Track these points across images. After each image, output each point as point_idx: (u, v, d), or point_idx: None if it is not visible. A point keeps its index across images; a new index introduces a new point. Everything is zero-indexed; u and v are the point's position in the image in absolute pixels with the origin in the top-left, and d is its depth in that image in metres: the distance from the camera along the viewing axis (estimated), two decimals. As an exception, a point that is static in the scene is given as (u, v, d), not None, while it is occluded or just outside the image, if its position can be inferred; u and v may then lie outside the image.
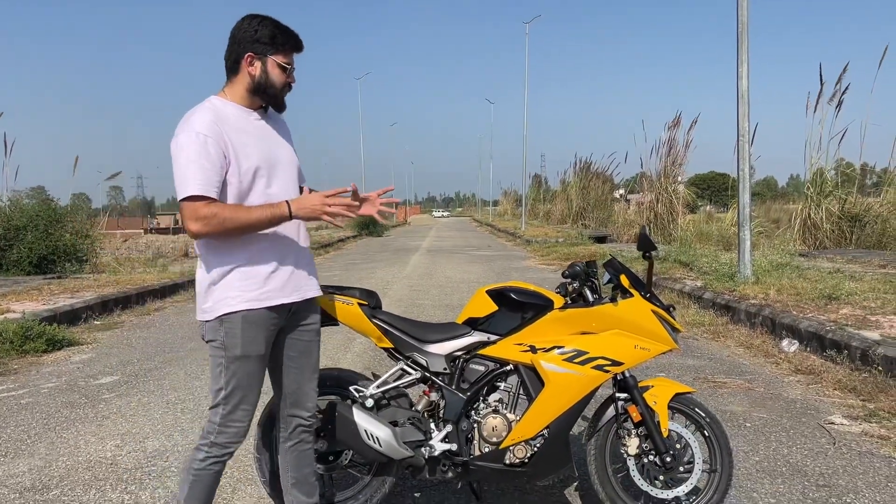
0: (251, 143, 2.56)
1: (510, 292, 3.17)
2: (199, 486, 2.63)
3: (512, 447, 3.03)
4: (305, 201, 2.53)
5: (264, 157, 2.58)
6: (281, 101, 2.66)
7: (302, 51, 2.66)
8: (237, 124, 2.55)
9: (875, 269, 10.23)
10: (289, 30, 2.61)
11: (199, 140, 2.42)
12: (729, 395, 5.24)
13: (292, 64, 2.63)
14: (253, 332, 2.56)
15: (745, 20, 9.15)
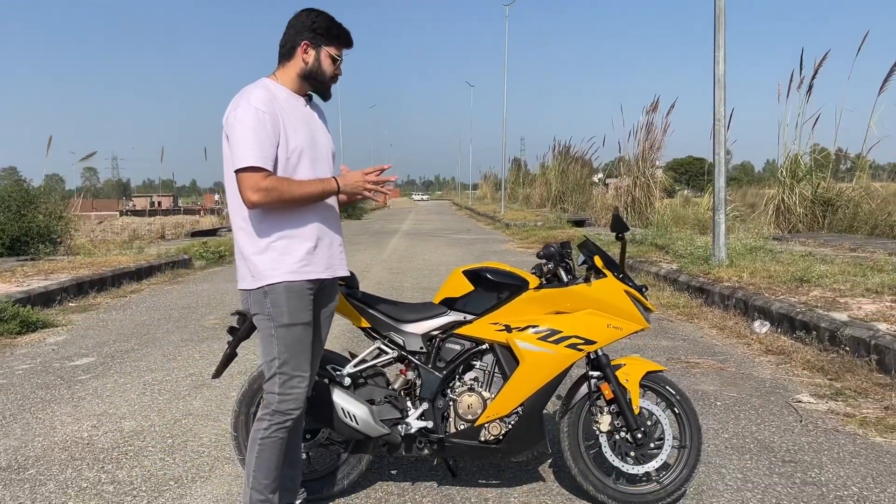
0: (298, 125, 2.69)
1: (486, 272, 3.21)
2: (266, 453, 2.73)
3: (487, 424, 3.09)
4: (350, 178, 2.72)
5: (309, 141, 2.73)
6: (328, 89, 2.82)
7: (352, 47, 2.83)
8: (286, 105, 2.69)
9: (846, 252, 10.42)
10: (342, 26, 2.79)
11: (258, 115, 2.57)
12: (701, 375, 5.35)
13: (342, 57, 2.79)
14: (296, 301, 2.67)
15: (723, 6, 9.21)
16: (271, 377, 2.72)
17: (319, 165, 2.77)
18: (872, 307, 6.20)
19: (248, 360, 5.72)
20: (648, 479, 3.17)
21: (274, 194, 2.55)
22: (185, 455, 3.84)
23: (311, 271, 2.71)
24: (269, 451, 2.73)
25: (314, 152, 2.75)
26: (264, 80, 2.73)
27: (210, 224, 26.11)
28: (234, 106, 2.62)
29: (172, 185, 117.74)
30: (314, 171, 2.73)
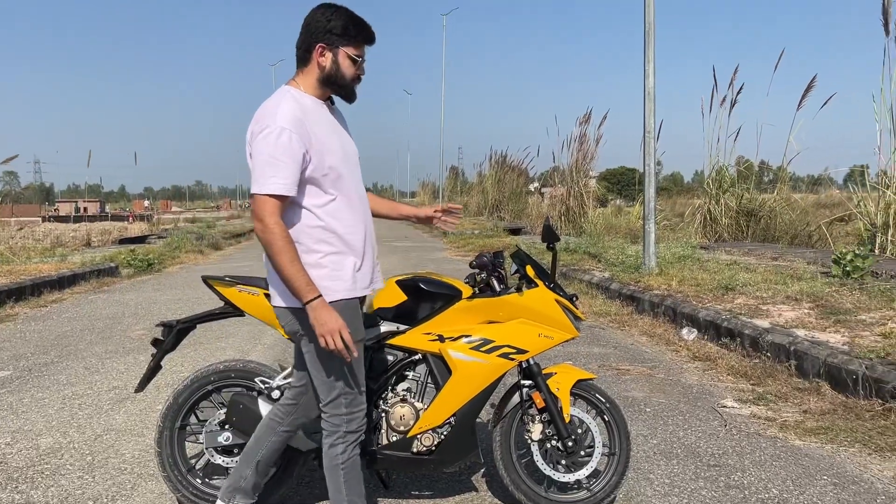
0: (329, 138, 2.56)
1: (419, 282, 3.19)
2: (352, 474, 2.69)
3: (419, 435, 3.07)
4: (321, 317, 2.43)
5: (341, 154, 2.60)
6: (351, 92, 2.65)
7: (374, 43, 2.62)
8: (315, 117, 2.54)
9: (768, 260, 10.83)
10: (362, 21, 2.58)
11: (284, 136, 2.41)
12: (631, 382, 5.45)
13: (363, 56, 2.61)
14: (351, 317, 2.59)
15: (652, 21, 9.48)
16: (335, 399, 2.63)
17: (352, 177, 2.65)
18: (792, 314, 6.45)
19: (175, 372, 5.56)
20: (579, 486, 3.21)
21: (268, 237, 2.41)
22: (106, 473, 3.69)
23: (361, 289, 2.65)
24: (353, 471, 2.69)
25: (346, 165, 2.61)
26: (289, 90, 2.55)
27: (139, 231, 25.31)
28: (259, 122, 2.46)
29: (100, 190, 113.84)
30: (348, 182, 2.60)
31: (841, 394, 4.78)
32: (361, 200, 2.70)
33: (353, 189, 2.64)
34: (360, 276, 2.64)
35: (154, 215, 39.60)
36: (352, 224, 2.62)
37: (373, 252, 2.74)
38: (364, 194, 2.75)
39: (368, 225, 2.72)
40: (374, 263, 2.77)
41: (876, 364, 4.67)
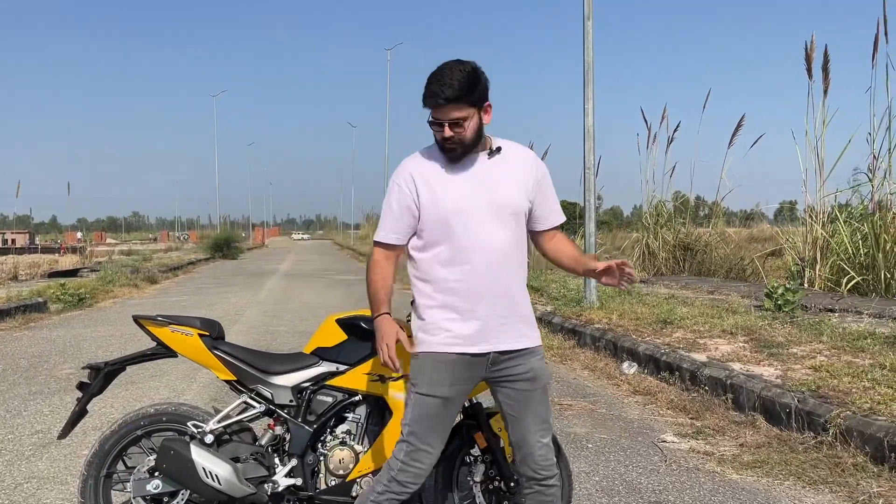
0: (451, 188, 2.56)
1: (360, 321, 3.14)
2: None
3: (359, 479, 2.99)
4: (377, 328, 2.67)
5: (461, 202, 2.55)
6: (449, 154, 2.56)
7: (446, 103, 2.46)
8: (440, 170, 2.59)
9: (704, 294, 11.11)
10: (430, 82, 2.49)
11: (394, 189, 2.63)
12: (574, 417, 5.47)
13: (440, 118, 2.50)
14: (439, 373, 2.54)
15: (591, 61, 9.74)
16: (401, 441, 2.61)
17: (474, 227, 2.55)
18: (728, 348, 6.60)
19: (102, 415, 5.33)
20: (521, 527, 3.16)
21: (369, 274, 2.74)
22: (25, 525, 3.48)
23: (459, 345, 2.56)
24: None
25: (467, 215, 2.54)
26: (431, 146, 2.66)
27: (70, 264, 24.42)
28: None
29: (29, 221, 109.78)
30: (476, 233, 2.54)
31: (775, 427, 4.88)
32: (484, 252, 2.56)
33: (467, 240, 2.55)
34: (459, 331, 2.56)
35: (87, 247, 38.30)
36: (454, 277, 2.57)
37: (490, 309, 2.56)
38: (492, 246, 2.57)
39: (483, 281, 2.56)
40: (495, 323, 2.57)
41: (807, 397, 4.80)
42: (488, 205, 2.57)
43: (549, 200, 2.74)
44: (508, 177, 2.62)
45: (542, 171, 2.71)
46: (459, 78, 2.46)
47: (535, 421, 2.66)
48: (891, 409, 4.37)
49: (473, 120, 2.52)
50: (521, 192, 2.63)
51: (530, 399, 2.64)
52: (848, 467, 4.08)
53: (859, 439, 4.22)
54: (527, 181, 2.65)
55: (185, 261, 27.40)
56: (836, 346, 6.25)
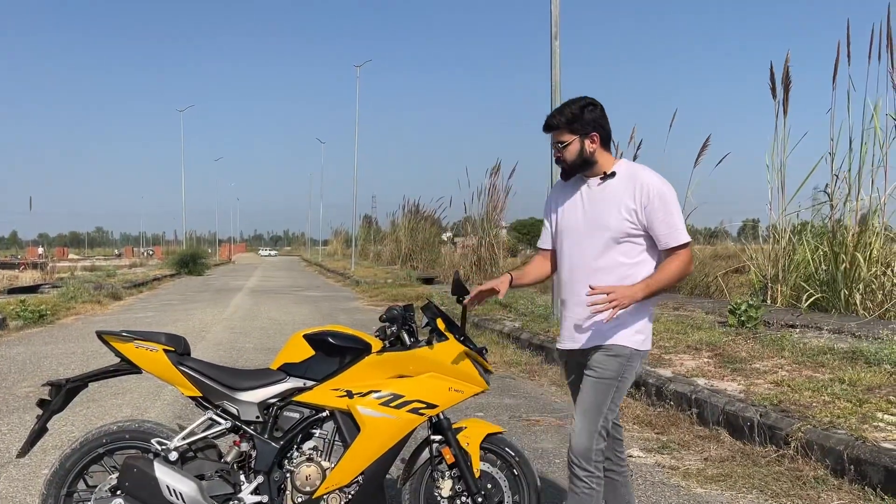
0: (568, 207, 3.06)
1: (327, 336, 3.13)
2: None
3: (326, 496, 2.98)
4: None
5: (571, 221, 3.03)
6: (564, 172, 3.06)
7: (548, 131, 3.02)
8: (567, 190, 3.09)
9: (670, 310, 11.25)
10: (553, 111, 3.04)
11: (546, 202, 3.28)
12: (542, 433, 5.49)
13: (553, 142, 3.01)
14: (562, 365, 3.25)
15: (558, 80, 9.89)
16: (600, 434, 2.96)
17: (569, 243, 3.04)
18: (692, 363, 6.70)
19: (63, 433, 5.22)
20: (490, 543, 3.17)
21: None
22: (-19, 547, 3.38)
23: (560, 341, 3.17)
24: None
25: (572, 233, 3.03)
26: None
27: (31, 280, 23.89)
28: None
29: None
30: (570, 247, 3.04)
31: (739, 440, 4.96)
32: (570, 265, 3.04)
33: (563, 254, 3.08)
34: (562, 329, 3.13)
35: (49, 263, 37.54)
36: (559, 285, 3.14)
37: (572, 311, 3.03)
38: (574, 261, 3.02)
39: (567, 288, 3.06)
40: (574, 324, 3.02)
41: (769, 411, 4.88)
42: (589, 225, 2.97)
43: (659, 224, 2.87)
44: (608, 200, 2.94)
45: (651, 195, 2.87)
46: (566, 111, 2.96)
47: (580, 410, 2.98)
48: (850, 422, 4.47)
49: (573, 145, 2.94)
50: (618, 215, 2.89)
51: (584, 391, 2.98)
52: (809, 480, 4.16)
53: (820, 452, 4.31)
54: (628, 204, 2.88)
55: (150, 277, 26.98)
56: (798, 361, 6.38)
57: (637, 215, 2.86)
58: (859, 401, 4.91)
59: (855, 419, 4.52)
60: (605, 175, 2.95)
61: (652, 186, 2.86)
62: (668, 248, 2.88)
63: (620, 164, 2.98)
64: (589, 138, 2.92)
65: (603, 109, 2.98)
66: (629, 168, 2.97)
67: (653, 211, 2.84)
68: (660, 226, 2.86)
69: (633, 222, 2.87)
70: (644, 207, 2.85)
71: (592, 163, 2.95)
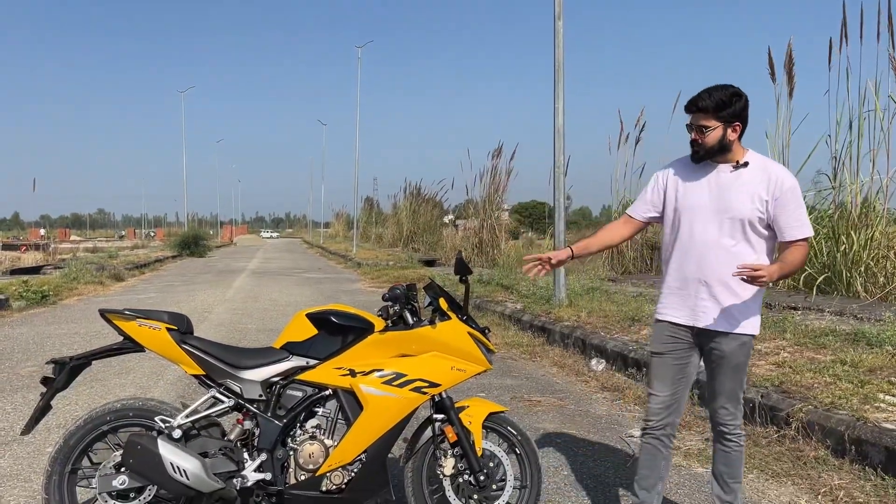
0: (692, 188, 3.14)
1: (330, 315, 3.14)
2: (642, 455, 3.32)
3: (329, 473, 2.99)
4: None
5: (693, 202, 3.11)
6: (693, 156, 3.11)
7: (693, 112, 3.06)
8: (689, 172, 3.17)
9: (672, 293, 11.25)
10: (699, 93, 3.04)
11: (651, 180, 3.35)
12: (543, 413, 5.51)
13: (691, 123, 3.07)
14: (655, 334, 3.27)
15: (561, 60, 9.81)
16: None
17: (693, 222, 3.10)
18: (694, 344, 6.69)
19: (67, 412, 5.24)
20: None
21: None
22: (-14, 523, 3.41)
23: (666, 314, 3.22)
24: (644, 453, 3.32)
25: (698, 214, 3.09)
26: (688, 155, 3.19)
27: (33, 261, 23.94)
28: None
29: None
30: (693, 226, 3.10)
31: (740, 421, 4.97)
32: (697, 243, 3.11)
33: (683, 231, 3.14)
34: (668, 302, 3.22)
35: (51, 244, 37.58)
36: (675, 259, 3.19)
37: (698, 289, 3.10)
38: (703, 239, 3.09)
39: (693, 264, 3.11)
40: (705, 301, 3.09)
41: (771, 392, 4.89)
42: (716, 209, 3.06)
43: (787, 217, 3.02)
44: (741, 188, 3.04)
45: (784, 188, 3.01)
46: (715, 96, 2.99)
47: (717, 390, 3.20)
48: (851, 403, 4.48)
49: (716, 131, 3.01)
50: (751, 204, 3.02)
51: (715, 372, 3.17)
52: (809, 460, 4.18)
53: (820, 433, 4.32)
54: (761, 194, 3.02)
55: (152, 258, 26.99)
56: (799, 342, 6.38)
57: (768, 206, 3.01)
58: (861, 382, 4.92)
59: (856, 400, 4.53)
60: (737, 164, 3.06)
61: (786, 180, 3.02)
62: (790, 240, 3.03)
63: (752, 156, 3.09)
64: (731, 127, 3.01)
65: (747, 101, 3.03)
66: (762, 161, 3.09)
67: (785, 203, 3.00)
68: (788, 218, 3.01)
69: (763, 212, 3.01)
70: (776, 199, 3.00)
71: (728, 151, 3.05)
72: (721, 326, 3.06)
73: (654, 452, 3.27)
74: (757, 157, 3.09)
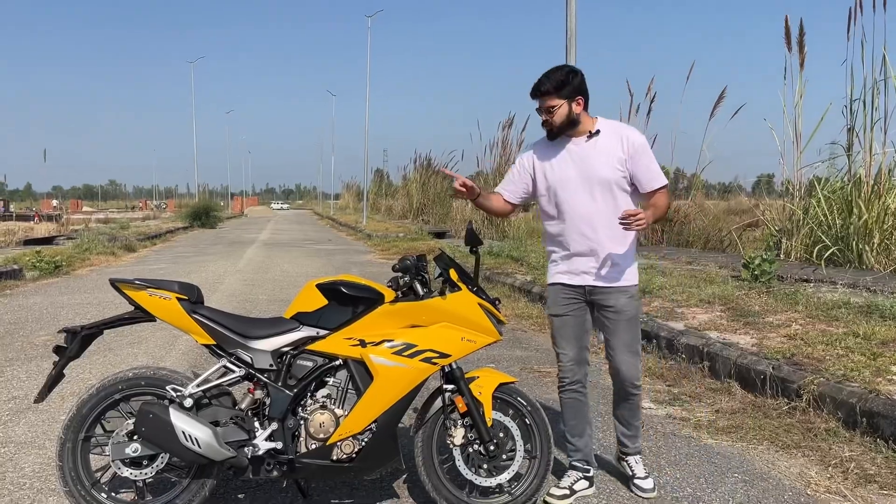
0: (556, 164, 3.41)
1: (341, 286, 3.13)
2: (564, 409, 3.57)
3: (339, 443, 3.00)
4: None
5: (560, 176, 3.38)
6: (549, 133, 3.38)
7: (536, 97, 3.32)
8: (550, 150, 3.43)
9: (683, 265, 11.20)
10: (538, 79, 3.30)
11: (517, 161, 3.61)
12: (552, 384, 5.50)
13: (540, 107, 3.33)
14: (552, 297, 3.53)
15: (574, 28, 9.65)
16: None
17: (567, 195, 3.36)
18: (705, 317, 6.68)
19: (80, 380, 5.29)
20: (501, 490, 3.20)
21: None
22: (3, 489, 3.46)
23: (558, 277, 3.50)
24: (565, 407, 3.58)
25: (567, 186, 3.36)
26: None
27: (46, 231, 24.06)
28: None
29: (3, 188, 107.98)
30: (569, 199, 3.36)
31: (750, 393, 4.96)
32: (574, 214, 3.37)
33: (562, 204, 3.40)
34: (559, 267, 3.50)
35: (63, 215, 37.76)
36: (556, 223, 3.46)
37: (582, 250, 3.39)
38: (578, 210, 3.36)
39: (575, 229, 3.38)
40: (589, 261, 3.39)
41: (782, 364, 4.87)
42: (583, 178, 3.33)
43: (644, 170, 3.35)
44: (600, 155, 3.32)
45: (636, 146, 3.34)
46: (553, 77, 3.26)
47: (620, 345, 3.45)
48: (863, 375, 4.46)
49: (562, 109, 3.28)
50: (612, 166, 3.32)
51: (616, 328, 3.43)
52: (820, 432, 4.17)
53: (832, 405, 4.31)
54: (619, 155, 3.32)
55: (164, 229, 27.11)
56: (811, 315, 6.34)
57: (626, 164, 3.32)
58: (873, 354, 4.89)
59: (868, 372, 4.50)
60: (591, 134, 3.35)
61: (636, 138, 3.36)
62: (651, 191, 3.36)
63: (601, 123, 3.38)
64: (575, 101, 3.29)
65: (583, 76, 3.33)
66: (610, 125, 3.39)
67: (639, 159, 3.33)
68: (645, 171, 3.35)
69: (623, 170, 3.33)
70: (631, 157, 3.32)
71: (578, 123, 3.33)
72: (607, 282, 3.38)
73: (575, 405, 3.53)
74: (606, 123, 3.38)
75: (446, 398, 3.17)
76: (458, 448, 3.15)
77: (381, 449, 3.04)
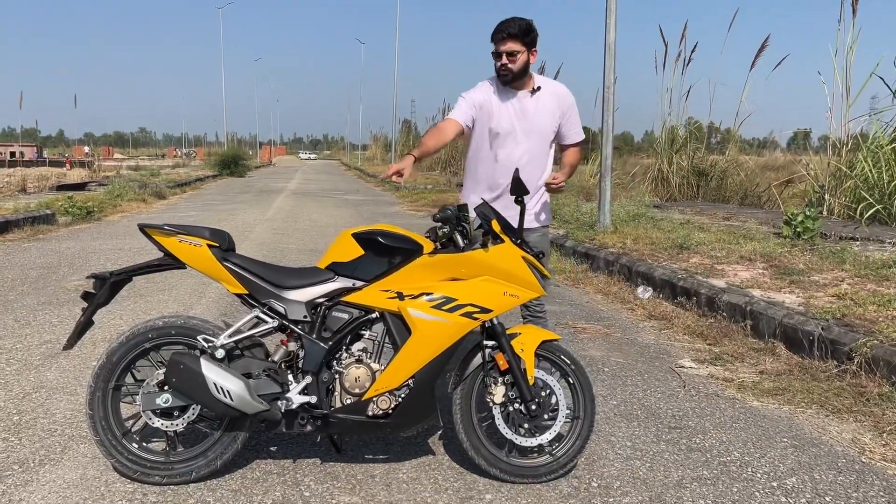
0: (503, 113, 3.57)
1: (377, 236, 2.98)
2: None
3: (375, 398, 2.90)
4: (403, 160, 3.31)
5: (504, 125, 3.57)
6: (503, 78, 3.51)
7: (503, 38, 3.42)
8: (497, 97, 3.58)
9: (720, 220, 10.89)
10: (498, 25, 3.45)
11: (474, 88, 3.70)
12: (588, 340, 5.37)
13: (498, 50, 3.46)
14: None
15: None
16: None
17: (507, 143, 3.59)
18: (747, 274, 6.45)
19: (112, 327, 5.26)
20: (541, 450, 3.08)
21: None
22: (34, 434, 3.42)
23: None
24: None
25: (508, 136, 3.58)
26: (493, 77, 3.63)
27: (78, 178, 24.25)
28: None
29: (36, 134, 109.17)
30: (510, 147, 3.59)
31: (796, 354, 4.77)
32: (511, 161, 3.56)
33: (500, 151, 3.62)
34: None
35: (95, 162, 38.05)
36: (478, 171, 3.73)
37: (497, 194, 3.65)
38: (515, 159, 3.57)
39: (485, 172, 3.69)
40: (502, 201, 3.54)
41: (832, 325, 4.67)
42: (524, 131, 3.57)
43: (571, 126, 3.70)
44: (543, 110, 3.58)
45: (569, 103, 3.68)
46: (519, 23, 3.41)
47: None
48: (920, 339, 4.24)
49: (522, 56, 3.45)
50: (551, 122, 3.62)
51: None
52: (873, 396, 3.98)
53: (886, 369, 4.11)
54: (556, 112, 3.62)
55: (193, 177, 27.16)
56: (860, 274, 6.09)
57: (560, 119, 3.64)
58: (930, 317, 4.66)
59: (926, 336, 4.28)
60: (534, 90, 3.57)
61: (569, 96, 3.68)
62: (571, 143, 3.73)
63: (540, 80, 3.61)
64: (531, 52, 3.48)
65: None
66: (546, 82, 3.64)
67: (570, 115, 3.67)
68: (572, 126, 3.70)
69: (556, 126, 3.65)
70: (563, 113, 3.64)
71: (525, 75, 3.52)
72: (529, 224, 3.56)
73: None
74: (543, 80, 3.61)
75: (486, 355, 3.03)
76: (497, 406, 3.03)
77: (418, 406, 2.93)
